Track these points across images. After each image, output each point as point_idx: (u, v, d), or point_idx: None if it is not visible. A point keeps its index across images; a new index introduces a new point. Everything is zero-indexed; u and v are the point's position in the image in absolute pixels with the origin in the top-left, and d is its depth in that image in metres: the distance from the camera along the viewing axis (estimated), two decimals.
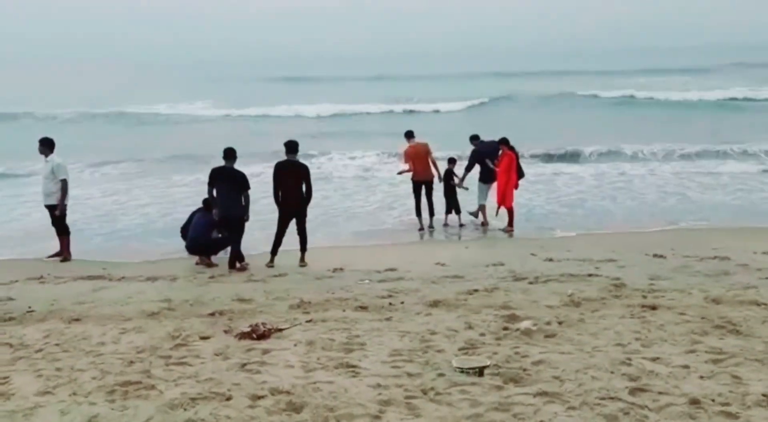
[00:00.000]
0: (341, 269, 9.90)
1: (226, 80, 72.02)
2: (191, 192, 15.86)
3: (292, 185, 10.35)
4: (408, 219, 13.76)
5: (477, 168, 13.61)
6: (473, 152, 13.79)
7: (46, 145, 11.08)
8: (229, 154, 10.29)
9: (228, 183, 10.14)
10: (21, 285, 9.50)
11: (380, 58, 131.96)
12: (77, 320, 7.50)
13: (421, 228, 13.25)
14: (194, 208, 11.28)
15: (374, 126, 32.38)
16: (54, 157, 11.11)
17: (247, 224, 10.42)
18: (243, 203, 10.19)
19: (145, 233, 13.24)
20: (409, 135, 13.39)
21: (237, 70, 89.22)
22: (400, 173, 14.11)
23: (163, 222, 13.98)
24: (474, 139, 13.94)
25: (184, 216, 11.63)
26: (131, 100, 43.63)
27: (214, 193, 10.21)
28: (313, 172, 11.04)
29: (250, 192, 10.25)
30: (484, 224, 13.35)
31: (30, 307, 8.12)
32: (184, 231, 11.11)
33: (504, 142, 13.14)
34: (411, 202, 13.40)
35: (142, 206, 15.71)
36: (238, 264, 10.31)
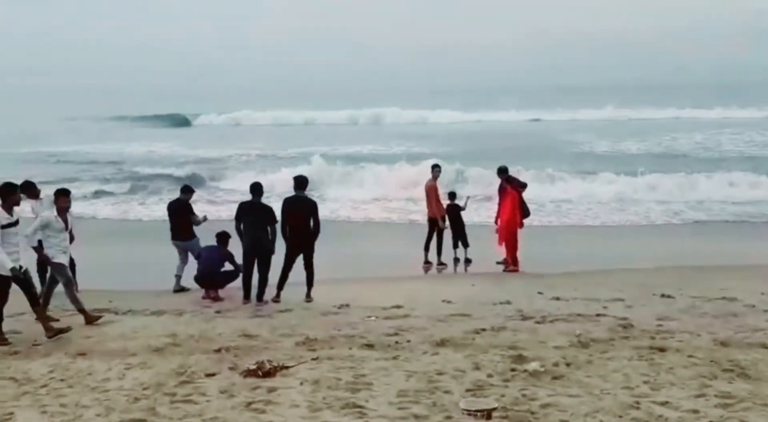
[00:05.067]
0: (347, 305, 9.86)
1: None
2: None
3: (300, 220, 10.38)
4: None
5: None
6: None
7: (33, 187, 10.72)
8: (256, 189, 10.44)
9: (255, 217, 10.26)
10: (27, 317, 9.46)
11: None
12: (83, 355, 7.50)
13: (426, 263, 13.24)
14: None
15: None
16: (46, 193, 10.92)
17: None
18: (270, 237, 10.28)
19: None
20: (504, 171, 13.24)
21: None
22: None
23: None
24: (501, 172, 13.35)
25: None
26: None
27: (242, 227, 10.33)
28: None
29: (277, 226, 10.32)
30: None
31: (36, 341, 8.12)
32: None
33: (502, 171, 13.06)
34: None
35: None
36: (264, 298, 10.35)
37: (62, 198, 9.11)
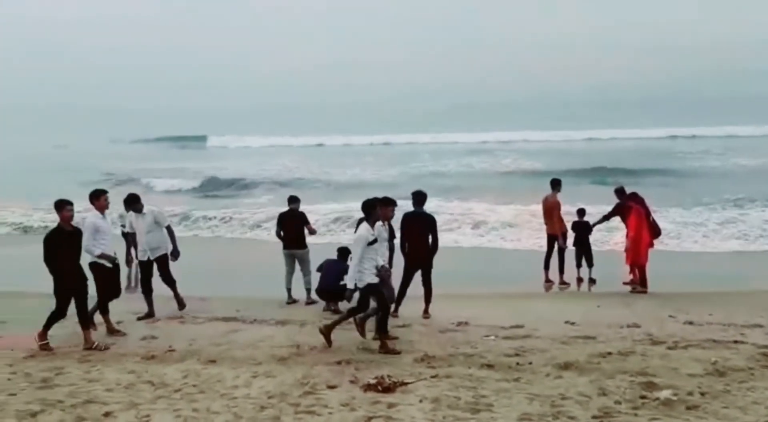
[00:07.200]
0: (466, 323, 9.74)
1: None
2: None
3: (419, 236, 10.40)
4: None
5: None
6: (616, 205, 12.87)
7: (138, 201, 10.74)
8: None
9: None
10: (163, 324, 10.06)
11: None
12: (213, 362, 7.84)
13: (547, 281, 12.92)
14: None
15: None
16: (150, 207, 10.88)
17: None
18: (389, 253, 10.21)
19: None
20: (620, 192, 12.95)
21: None
22: None
23: None
24: (618, 192, 12.94)
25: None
26: None
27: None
28: None
29: (396, 241, 10.32)
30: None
31: (170, 346, 8.57)
32: None
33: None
34: None
35: None
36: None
37: (387, 208, 9.07)
